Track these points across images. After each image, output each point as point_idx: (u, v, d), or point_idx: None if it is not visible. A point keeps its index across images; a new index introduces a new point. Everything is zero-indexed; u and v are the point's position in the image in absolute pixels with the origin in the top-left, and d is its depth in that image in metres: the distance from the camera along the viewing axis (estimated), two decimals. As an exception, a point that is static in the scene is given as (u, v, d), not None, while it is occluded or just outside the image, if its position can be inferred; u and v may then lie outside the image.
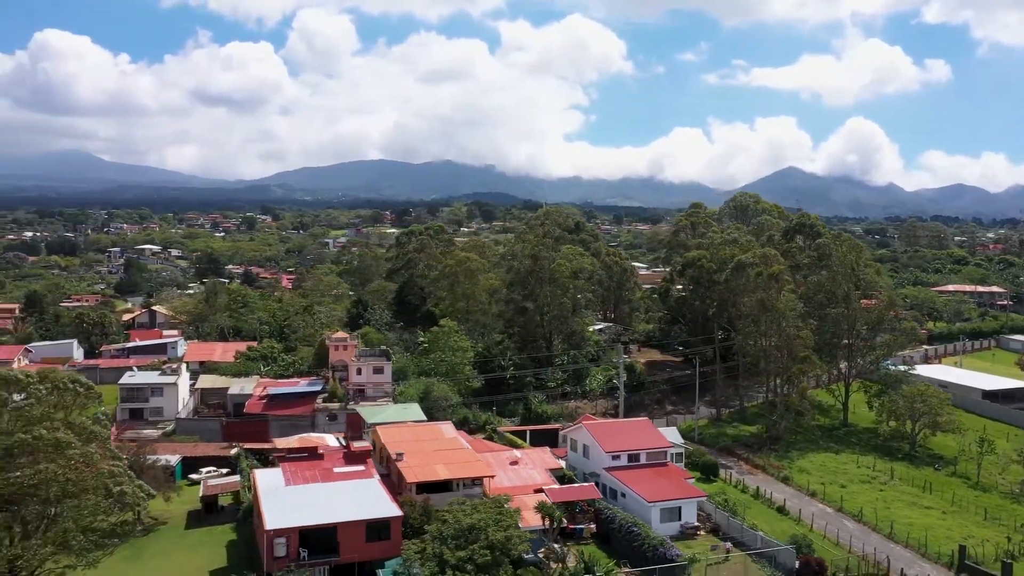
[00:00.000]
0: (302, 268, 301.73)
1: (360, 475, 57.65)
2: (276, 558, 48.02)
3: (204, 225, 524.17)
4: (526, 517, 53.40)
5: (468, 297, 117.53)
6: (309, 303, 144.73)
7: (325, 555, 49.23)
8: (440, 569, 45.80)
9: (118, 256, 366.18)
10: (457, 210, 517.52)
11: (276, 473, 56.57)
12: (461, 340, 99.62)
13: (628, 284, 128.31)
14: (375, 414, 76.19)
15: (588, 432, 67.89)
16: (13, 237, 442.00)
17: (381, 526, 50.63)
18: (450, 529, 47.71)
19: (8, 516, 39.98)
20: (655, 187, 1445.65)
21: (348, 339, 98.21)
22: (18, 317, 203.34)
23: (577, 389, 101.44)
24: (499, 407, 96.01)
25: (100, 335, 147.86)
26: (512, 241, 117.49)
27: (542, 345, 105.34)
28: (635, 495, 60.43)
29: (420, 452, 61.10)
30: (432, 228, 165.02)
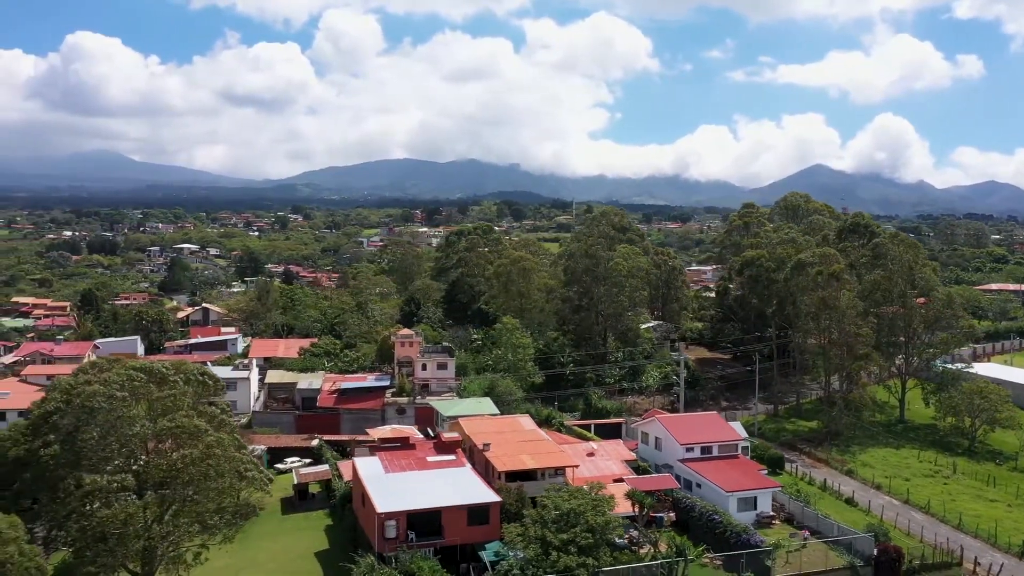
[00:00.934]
0: (340, 267, 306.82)
1: (452, 464, 60.63)
2: (387, 539, 51.15)
3: (237, 224, 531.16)
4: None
5: (523, 295, 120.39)
6: (362, 301, 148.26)
7: (430, 537, 52.28)
8: (544, 551, 48.68)
9: (158, 255, 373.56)
10: (487, 209, 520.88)
11: (374, 461, 59.70)
12: (522, 337, 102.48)
13: (676, 282, 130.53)
14: (450, 407, 79.17)
15: (661, 425, 70.45)
16: (53, 236, 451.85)
17: (481, 511, 53.61)
18: (550, 513, 50.53)
19: (159, 497, 43.35)
20: (680, 185, 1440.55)
21: (414, 336, 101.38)
22: (75, 314, 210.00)
23: (634, 385, 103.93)
24: (559, 402, 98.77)
25: (158, 332, 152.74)
26: (569, 241, 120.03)
27: (598, 342, 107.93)
28: (712, 485, 62.92)
29: (505, 443, 64.01)
30: (480, 228, 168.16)
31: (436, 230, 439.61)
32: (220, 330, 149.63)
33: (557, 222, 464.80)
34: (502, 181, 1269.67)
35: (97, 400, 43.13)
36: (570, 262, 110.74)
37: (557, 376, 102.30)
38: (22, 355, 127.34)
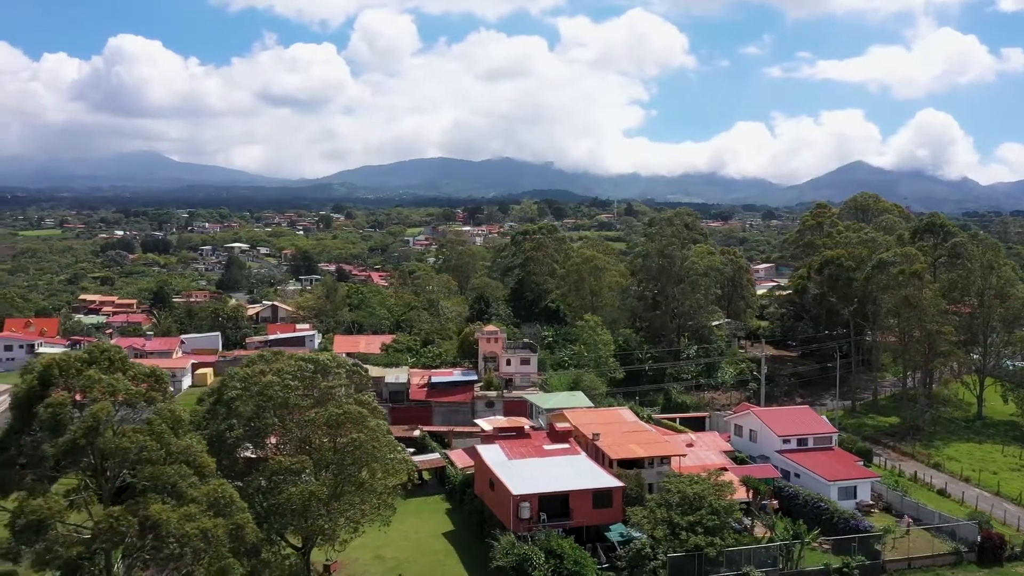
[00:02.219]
0: (389, 265, 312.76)
1: (567, 452, 64.40)
2: (520, 519, 55.06)
3: (282, 224, 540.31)
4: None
5: (594, 293, 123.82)
6: (433, 299, 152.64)
7: (559, 519, 56.06)
8: (672, 531, 52.25)
9: (210, 254, 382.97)
10: (527, 208, 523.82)
11: (496, 449, 63.61)
12: (604, 334, 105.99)
13: (742, 281, 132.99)
14: (546, 401, 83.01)
15: (757, 418, 73.58)
16: (106, 236, 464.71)
17: (605, 495, 57.32)
18: (674, 497, 54.10)
19: (331, 478, 47.59)
20: (716, 183, 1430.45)
21: (498, 333, 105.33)
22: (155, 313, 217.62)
23: (710, 381, 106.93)
24: (639, 397, 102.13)
25: (234, 328, 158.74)
26: (644, 241, 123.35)
27: (673, 339, 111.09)
28: (812, 475, 65.93)
29: (612, 433, 67.66)
30: (545, 227, 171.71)
31: (479, 229, 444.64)
32: (295, 327, 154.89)
33: (598, 221, 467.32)
34: (536, 179, 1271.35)
35: (273, 389, 47.51)
36: (645, 261, 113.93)
37: (635, 372, 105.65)
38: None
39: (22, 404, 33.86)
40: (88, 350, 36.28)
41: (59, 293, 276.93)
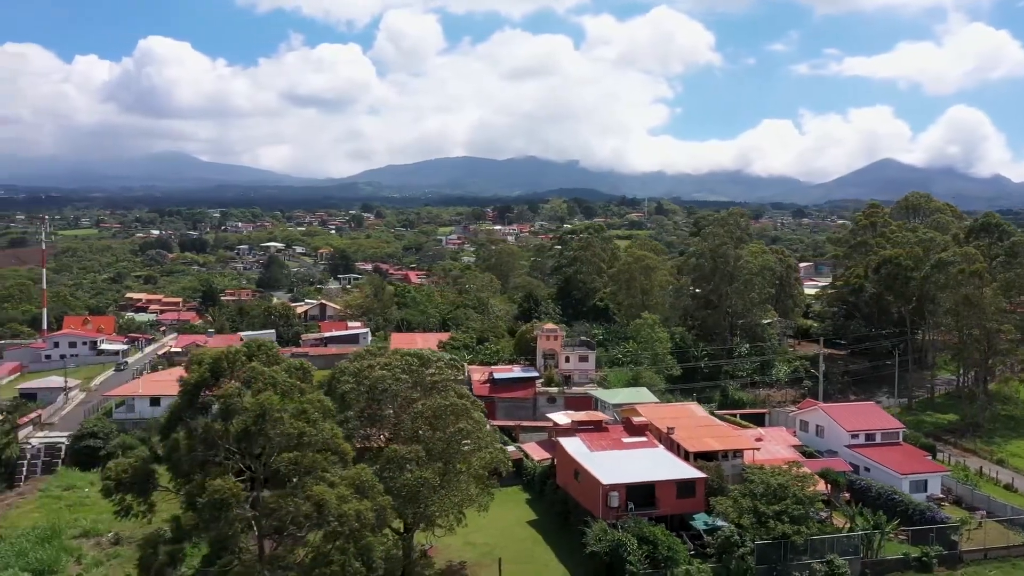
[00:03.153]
0: (424, 264, 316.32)
1: (645, 445, 66.87)
2: (610, 508, 57.60)
3: (313, 223, 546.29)
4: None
5: (645, 292, 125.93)
6: (483, 298, 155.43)
7: (645, 508, 58.53)
8: (758, 520, 54.53)
9: (247, 253, 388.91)
10: (557, 207, 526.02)
11: (577, 441, 66.21)
12: (661, 332, 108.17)
13: (790, 279, 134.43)
14: (613, 396, 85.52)
15: (825, 414, 75.59)
16: (143, 235, 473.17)
17: (689, 485, 59.71)
18: (759, 488, 56.36)
19: (440, 466, 50.42)
20: (742, 181, 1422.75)
21: (558, 330, 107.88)
22: (193, 308, 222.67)
23: (765, 378, 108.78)
24: (696, 393, 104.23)
25: (285, 326, 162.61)
26: (698, 241, 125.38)
27: (727, 337, 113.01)
28: (883, 468, 67.86)
29: (685, 427, 69.99)
30: (593, 227, 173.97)
31: (510, 228, 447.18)
32: (347, 325, 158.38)
33: (628, 219, 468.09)
34: (561, 178, 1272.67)
35: (386, 382, 50.43)
36: (698, 260, 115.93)
37: (691, 369, 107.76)
38: (180, 346, 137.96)
39: (191, 393, 36.91)
40: (247, 345, 39.32)
41: (105, 292, 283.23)
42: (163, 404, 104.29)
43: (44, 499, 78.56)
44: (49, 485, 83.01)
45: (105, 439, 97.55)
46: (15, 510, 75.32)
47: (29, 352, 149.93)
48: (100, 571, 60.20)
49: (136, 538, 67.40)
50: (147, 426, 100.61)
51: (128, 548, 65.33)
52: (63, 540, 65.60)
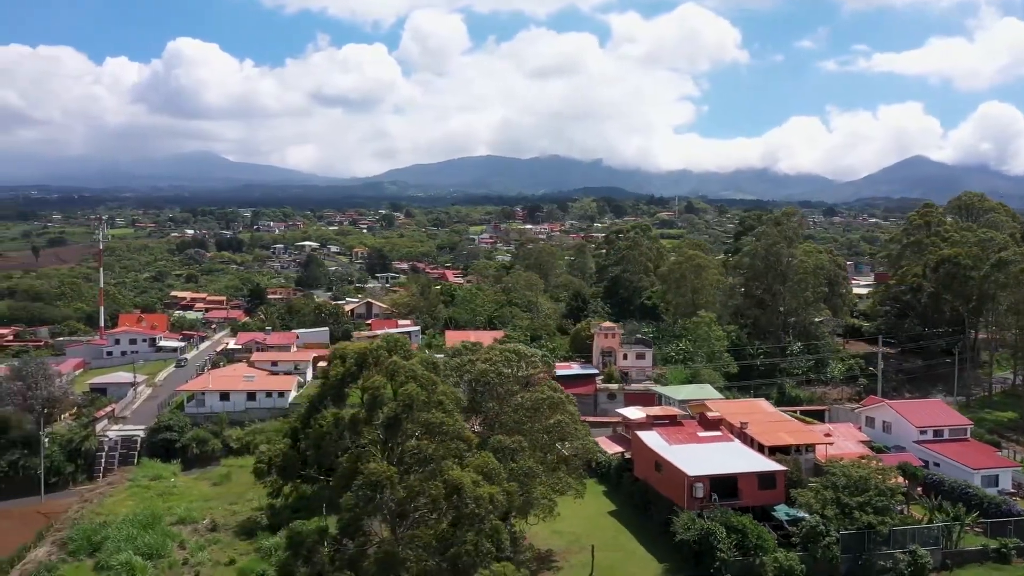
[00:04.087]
0: (460, 263, 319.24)
1: (720, 439, 68.94)
2: (695, 498, 59.79)
3: (343, 222, 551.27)
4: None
5: (696, 291, 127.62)
6: (532, 297, 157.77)
7: (728, 499, 60.62)
8: (841, 511, 56.42)
9: (282, 252, 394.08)
10: (586, 205, 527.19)
11: (654, 435, 68.41)
12: (717, 330, 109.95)
13: (839, 278, 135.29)
14: (678, 392, 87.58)
15: (892, 410, 77.15)
16: (178, 235, 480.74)
17: (769, 477, 61.72)
18: (840, 480, 58.24)
19: (541, 456, 52.95)
20: (769, 179, 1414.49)
21: (616, 329, 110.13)
22: (237, 306, 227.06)
23: (820, 376, 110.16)
24: (754, 391, 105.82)
25: (335, 324, 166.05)
26: (752, 240, 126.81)
27: (780, 336, 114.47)
28: (955, 463, 69.34)
29: (758, 422, 71.99)
30: (640, 227, 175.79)
31: (541, 227, 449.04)
32: (397, 322, 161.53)
33: (659, 218, 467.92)
34: (586, 177, 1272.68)
35: (489, 376, 53.00)
36: (752, 260, 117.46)
37: (746, 367, 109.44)
38: (241, 343, 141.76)
39: (337, 385, 39.64)
40: (386, 340, 42.00)
41: (148, 290, 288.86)
42: (232, 399, 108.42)
43: (134, 488, 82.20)
44: (137, 475, 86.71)
45: (180, 432, 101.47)
46: (110, 498, 78.92)
47: (91, 349, 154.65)
48: (204, 555, 63.30)
49: (230, 525, 70.99)
50: (218, 420, 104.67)
51: (224, 534, 68.69)
52: (163, 526, 68.85)
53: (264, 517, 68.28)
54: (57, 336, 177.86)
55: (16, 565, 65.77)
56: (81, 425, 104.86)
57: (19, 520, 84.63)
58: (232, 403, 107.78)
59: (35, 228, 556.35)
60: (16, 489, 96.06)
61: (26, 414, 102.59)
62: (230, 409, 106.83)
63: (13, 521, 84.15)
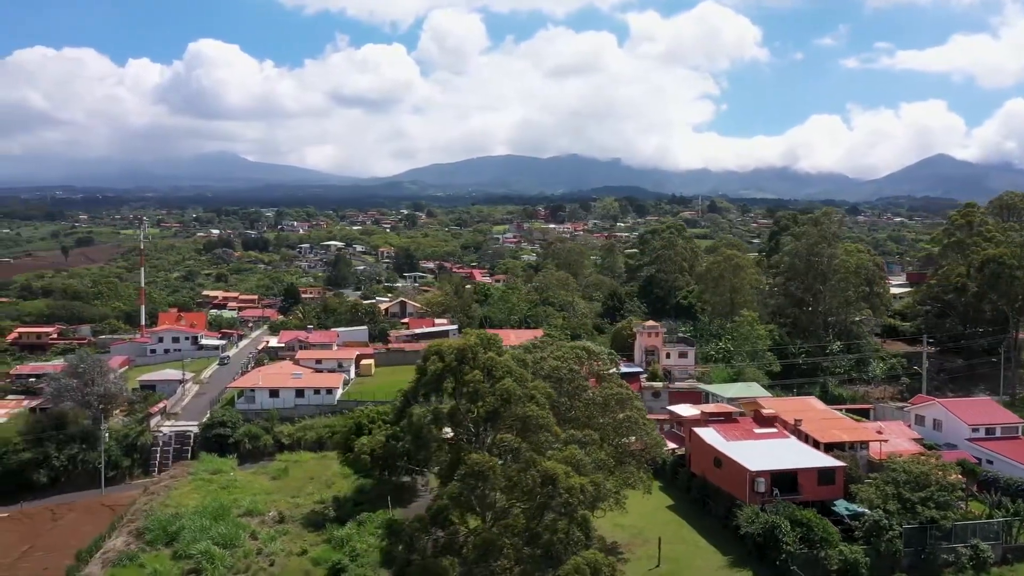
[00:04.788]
0: (486, 263, 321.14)
1: (776, 435, 70.22)
2: (756, 493, 61.17)
3: (366, 222, 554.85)
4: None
5: (734, 291, 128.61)
6: (567, 296, 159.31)
7: (787, 494, 61.92)
8: (903, 506, 57.60)
9: (308, 252, 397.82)
10: (609, 205, 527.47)
11: (712, 432, 69.78)
12: (759, 329, 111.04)
13: (876, 278, 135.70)
14: (726, 390, 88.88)
15: (943, 408, 78.08)
16: (203, 235, 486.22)
17: (829, 473, 62.94)
18: (901, 476, 59.41)
19: (611, 449, 54.60)
20: (789, 178, 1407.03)
21: (659, 328, 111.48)
22: (268, 305, 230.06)
23: (862, 375, 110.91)
24: (796, 390, 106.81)
25: (371, 323, 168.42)
26: (791, 240, 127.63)
27: (821, 335, 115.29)
28: (1008, 460, 70.19)
29: (811, 420, 73.20)
30: (674, 227, 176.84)
31: (564, 227, 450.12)
32: (434, 321, 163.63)
33: (682, 218, 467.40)
34: (604, 176, 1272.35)
35: (561, 372, 54.68)
36: (794, 260, 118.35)
37: (787, 366, 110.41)
38: (283, 341, 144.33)
39: (434, 379, 41.46)
40: (479, 337, 43.80)
41: (180, 289, 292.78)
42: (281, 396, 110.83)
43: (196, 481, 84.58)
44: (197, 469, 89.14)
45: (232, 428, 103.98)
46: (175, 491, 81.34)
47: (135, 347, 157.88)
48: (276, 545, 65.45)
49: (296, 517, 73.19)
50: (268, 416, 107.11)
51: (292, 526, 70.87)
52: (232, 518, 71.12)
53: (331, 509, 70.41)
54: (99, 334, 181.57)
55: (95, 555, 68.23)
56: (136, 421, 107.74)
57: (84, 512, 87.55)
58: (281, 399, 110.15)
59: (63, 228, 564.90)
60: (76, 482, 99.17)
61: (83, 410, 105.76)
62: (280, 406, 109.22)
63: (79, 513, 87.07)
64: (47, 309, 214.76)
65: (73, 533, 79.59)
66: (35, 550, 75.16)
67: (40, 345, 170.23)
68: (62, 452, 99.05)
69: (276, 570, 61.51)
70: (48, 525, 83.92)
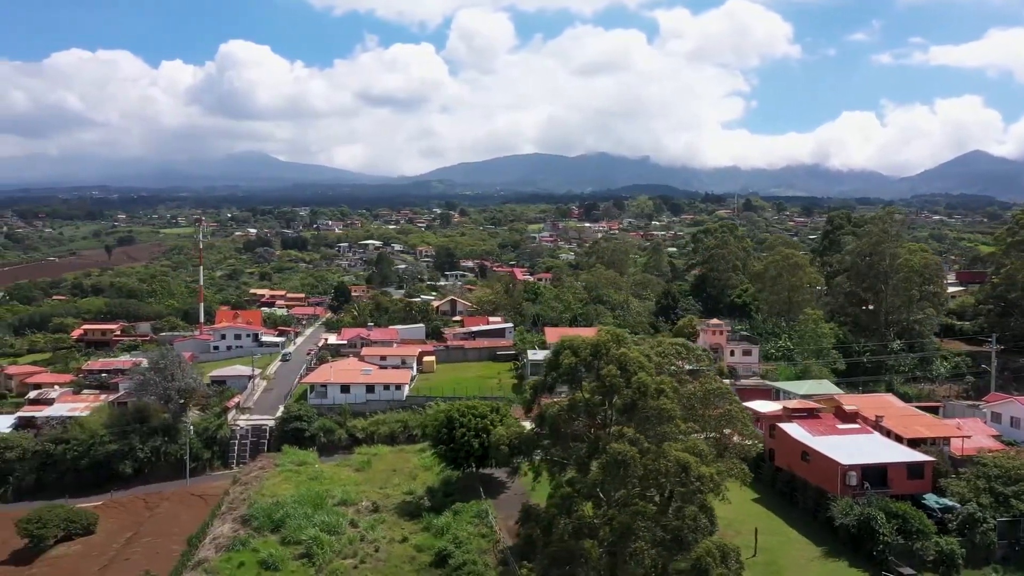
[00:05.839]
0: (525, 261, 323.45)
1: (860, 431, 71.74)
2: (848, 486, 62.86)
3: (400, 221, 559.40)
4: None
5: (793, 289, 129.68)
6: (622, 295, 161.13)
7: (877, 488, 63.53)
8: (996, 500, 59.04)
9: (347, 251, 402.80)
10: (643, 203, 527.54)
11: (796, 427, 71.54)
12: (825, 327, 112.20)
13: (935, 277, 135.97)
14: (799, 387, 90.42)
15: (1022, 406, 79.05)
16: (241, 234, 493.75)
17: (918, 467, 64.39)
18: (993, 470, 60.83)
19: (712, 442, 56.61)
20: (821, 175, 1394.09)
21: (723, 326, 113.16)
22: (316, 303, 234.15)
23: (926, 374, 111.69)
24: (860, 388, 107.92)
25: (424, 321, 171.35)
26: (851, 240, 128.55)
27: (883, 333, 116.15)
28: (1092, 458, 71.02)
29: (892, 416, 74.60)
30: (727, 226, 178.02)
31: (598, 225, 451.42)
32: (487, 319, 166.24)
33: (717, 216, 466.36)
34: (632, 174, 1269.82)
35: (665, 368, 56.73)
36: (856, 259, 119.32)
37: (851, 364, 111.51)
38: (345, 338, 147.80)
39: (569, 372, 43.83)
40: (610, 333, 46.12)
41: (225, 288, 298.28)
42: (352, 391, 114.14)
43: (285, 473, 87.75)
44: (283, 461, 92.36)
45: (308, 422, 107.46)
46: (267, 481, 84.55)
47: (198, 343, 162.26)
48: (377, 532, 68.27)
49: (389, 507, 76.03)
50: (340, 411, 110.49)
51: (387, 514, 73.71)
52: (328, 507, 74.09)
53: (426, 499, 73.21)
54: (158, 331, 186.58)
55: (203, 540, 71.61)
56: (215, 415, 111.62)
57: (177, 501, 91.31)
58: (352, 395, 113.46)
59: (103, 227, 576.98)
60: (158, 473, 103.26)
61: (162, 403, 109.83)
62: (351, 401, 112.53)
63: (172, 502, 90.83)
64: (105, 307, 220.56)
65: (172, 520, 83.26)
66: (140, 536, 78.78)
67: (105, 342, 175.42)
68: (146, 444, 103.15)
69: (382, 555, 64.25)
70: (145, 513, 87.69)
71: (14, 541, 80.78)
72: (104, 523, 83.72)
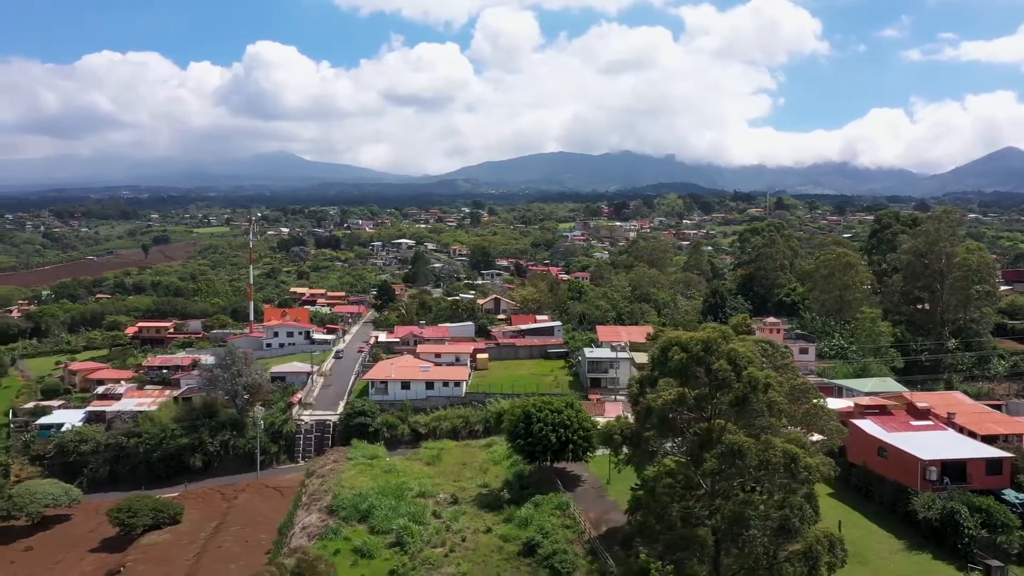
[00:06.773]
0: (560, 260, 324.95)
1: (933, 427, 72.83)
2: (928, 481, 64.06)
3: (429, 220, 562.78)
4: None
5: (845, 288, 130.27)
6: (668, 296, 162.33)
7: (956, 483, 64.67)
8: (1079, 495, 60.06)
9: (381, 249, 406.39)
10: (672, 202, 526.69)
11: (870, 423, 72.78)
12: (883, 326, 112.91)
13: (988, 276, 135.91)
14: (863, 385, 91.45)
15: (1086, 404, 79.74)
16: (273, 233, 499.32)
17: (996, 463, 65.39)
18: (1075, 467, 61.81)
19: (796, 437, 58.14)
20: (849, 174, 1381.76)
21: (779, 324, 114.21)
22: (357, 302, 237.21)
23: (984, 372, 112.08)
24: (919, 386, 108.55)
25: (471, 319, 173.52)
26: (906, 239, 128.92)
27: (941, 332, 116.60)
28: None
29: (963, 413, 75.61)
30: (774, 225, 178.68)
31: (629, 224, 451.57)
32: (535, 318, 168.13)
33: (749, 215, 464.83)
34: (657, 172, 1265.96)
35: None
36: (913, 258, 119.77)
37: (908, 362, 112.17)
38: (398, 336, 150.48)
39: (680, 368, 45.62)
40: (719, 331, 47.85)
41: (264, 286, 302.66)
42: (412, 388, 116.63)
43: (359, 466, 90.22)
44: (355, 454, 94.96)
45: (372, 417, 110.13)
46: (343, 474, 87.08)
47: (251, 341, 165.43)
48: (461, 523, 70.43)
49: (466, 499, 78.22)
50: (402, 406, 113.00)
51: (468, 506, 75.86)
52: (409, 499, 76.40)
53: (506, 492, 75.30)
54: (208, 329, 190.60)
55: (293, 529, 74.33)
56: (280, 410, 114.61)
57: (253, 492, 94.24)
58: (413, 391, 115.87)
59: (138, 227, 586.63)
60: (226, 467, 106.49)
61: (228, 399, 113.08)
62: (412, 397, 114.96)
63: (249, 493, 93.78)
64: (153, 304, 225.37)
65: (252, 511, 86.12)
66: (226, 525, 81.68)
67: (159, 339, 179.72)
68: (215, 438, 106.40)
69: (470, 545, 66.35)
70: (223, 504, 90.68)
71: (103, 529, 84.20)
72: (187, 513, 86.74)
